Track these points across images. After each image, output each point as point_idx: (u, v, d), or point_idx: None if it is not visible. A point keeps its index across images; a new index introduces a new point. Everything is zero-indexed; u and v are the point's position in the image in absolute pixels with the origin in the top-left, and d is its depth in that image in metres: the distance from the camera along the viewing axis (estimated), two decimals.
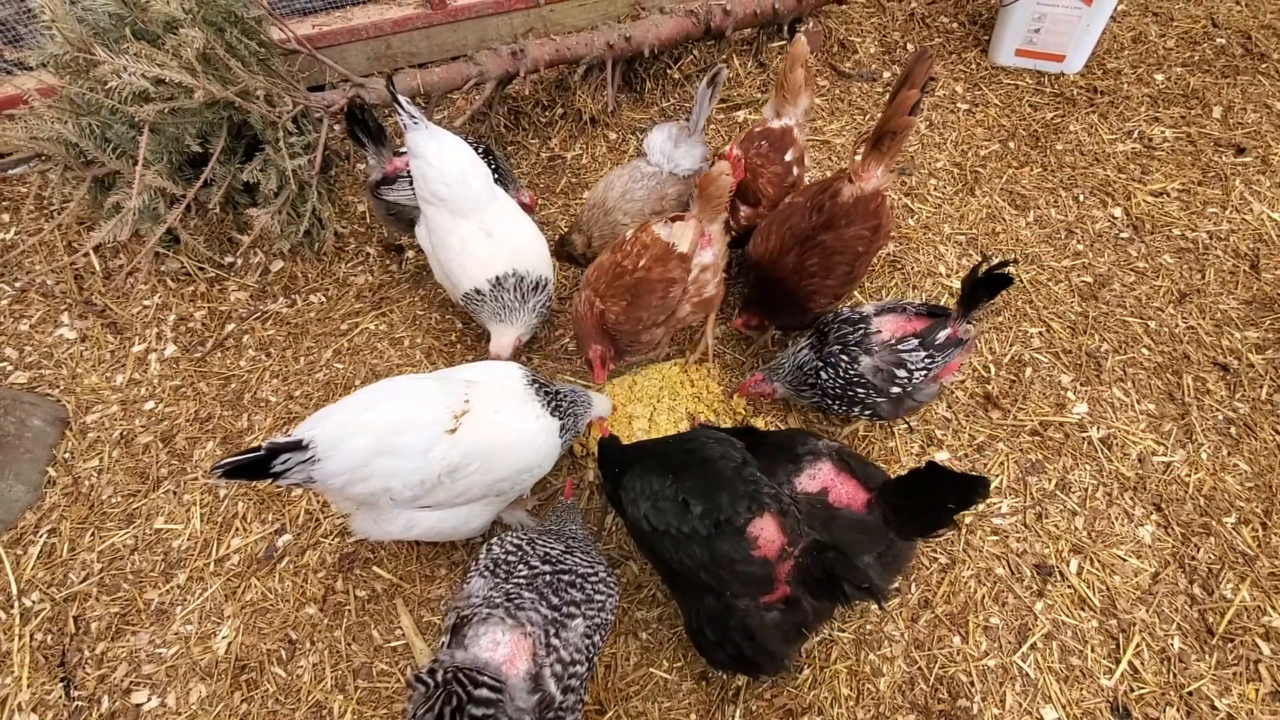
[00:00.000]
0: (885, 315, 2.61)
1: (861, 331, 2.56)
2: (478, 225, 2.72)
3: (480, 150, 3.12)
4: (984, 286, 2.38)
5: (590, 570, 2.06)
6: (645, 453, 2.28)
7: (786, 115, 2.99)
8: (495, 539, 2.11)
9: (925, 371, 2.50)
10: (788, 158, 2.94)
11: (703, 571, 2.00)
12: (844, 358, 2.55)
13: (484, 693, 1.69)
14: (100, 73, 2.68)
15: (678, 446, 2.25)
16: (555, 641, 1.86)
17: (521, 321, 2.85)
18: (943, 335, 2.49)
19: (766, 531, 1.98)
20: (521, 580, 1.95)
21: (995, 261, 2.36)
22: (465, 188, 2.64)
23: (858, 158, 2.65)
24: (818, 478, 2.23)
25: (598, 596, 2.01)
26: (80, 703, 2.43)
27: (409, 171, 2.85)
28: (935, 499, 1.98)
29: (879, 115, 2.65)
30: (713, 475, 2.08)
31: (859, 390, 2.56)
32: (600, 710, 2.37)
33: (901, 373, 2.49)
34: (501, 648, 1.81)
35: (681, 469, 2.13)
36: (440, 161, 2.58)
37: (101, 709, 2.42)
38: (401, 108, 2.58)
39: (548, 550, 2.06)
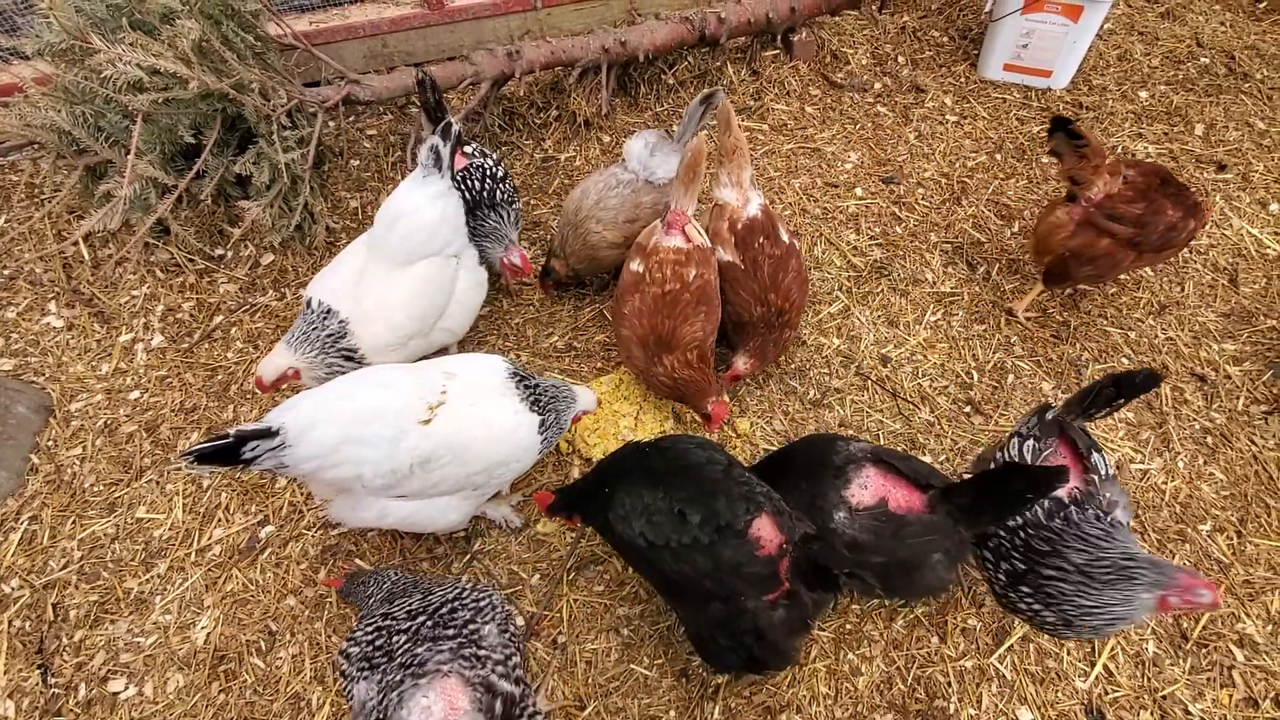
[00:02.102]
0: (1049, 453, 2.24)
1: (1093, 507, 2.12)
2: (369, 263, 2.61)
3: (506, 186, 3.04)
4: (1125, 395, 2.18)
5: (456, 592, 2.02)
6: (626, 469, 2.23)
7: (747, 189, 2.81)
8: (347, 642, 1.97)
9: None
10: (784, 238, 2.82)
11: (707, 579, 1.97)
12: (1099, 524, 2.07)
13: None
14: (96, 61, 2.69)
15: (659, 456, 2.20)
16: (481, 651, 1.82)
17: (305, 356, 2.50)
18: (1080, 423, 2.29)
19: (765, 531, 1.99)
20: (406, 645, 1.85)
21: (1142, 372, 2.16)
22: (386, 231, 2.58)
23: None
24: (869, 486, 2.16)
25: (482, 603, 1.98)
26: (57, 690, 2.41)
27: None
28: (1012, 493, 1.97)
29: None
30: (703, 481, 2.06)
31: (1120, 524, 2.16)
32: (580, 706, 2.37)
33: (1119, 478, 2.32)
34: (435, 709, 1.71)
35: (670, 479, 2.10)
36: (396, 195, 2.59)
37: (78, 697, 2.40)
38: (438, 149, 2.54)
39: (409, 608, 1.97)
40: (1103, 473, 2.16)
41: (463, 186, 2.92)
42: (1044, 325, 3.26)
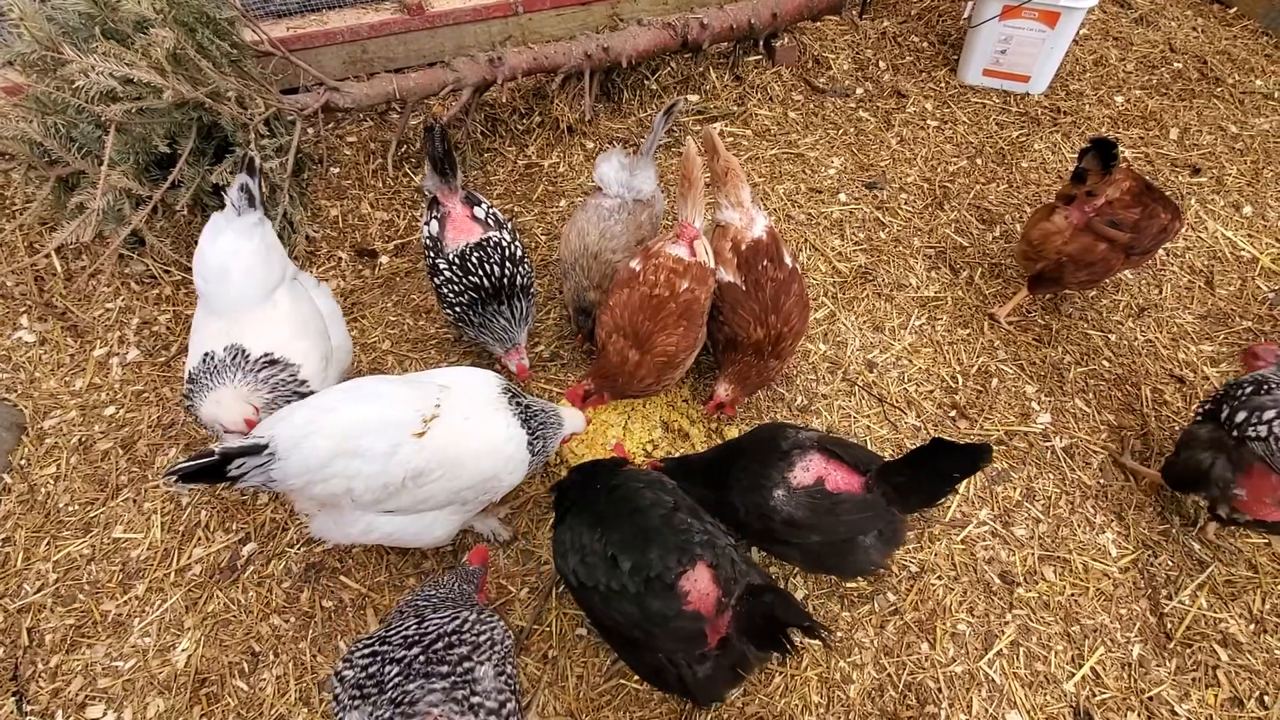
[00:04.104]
0: None
1: None
2: (226, 322, 2.35)
3: (526, 267, 2.82)
4: None
5: (456, 620, 1.90)
6: (575, 503, 2.22)
7: (750, 209, 2.79)
8: (342, 662, 1.87)
9: None
10: (788, 262, 2.76)
11: (635, 629, 1.95)
12: None
13: None
14: (68, 71, 2.64)
15: (608, 495, 2.18)
16: (475, 699, 1.74)
17: (244, 388, 2.26)
18: None
19: (700, 584, 1.94)
20: (396, 679, 1.76)
21: None
22: (223, 285, 2.36)
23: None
24: (811, 469, 2.28)
25: (483, 637, 1.88)
26: (33, 718, 2.34)
27: (440, 216, 2.81)
28: (940, 470, 2.09)
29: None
30: (643, 526, 2.03)
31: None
32: None
33: None
34: None
35: (611, 520, 2.07)
36: (206, 250, 2.36)
37: None
38: (249, 188, 2.38)
39: (404, 634, 1.87)
40: None
41: (481, 272, 2.71)
42: (1026, 329, 3.29)
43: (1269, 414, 2.26)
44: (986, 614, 2.56)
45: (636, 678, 2.42)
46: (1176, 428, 2.99)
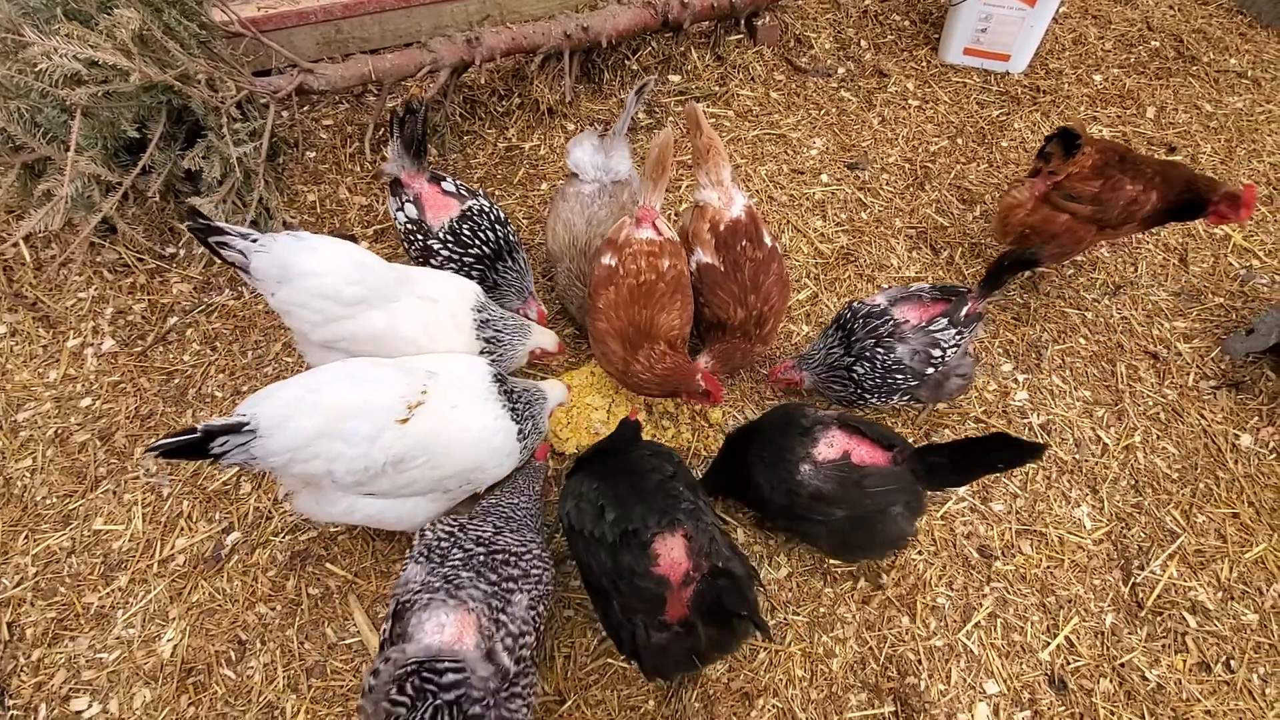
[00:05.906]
0: (901, 304, 2.73)
1: (890, 322, 2.66)
2: (407, 298, 2.41)
3: (511, 229, 2.93)
4: (1009, 269, 2.59)
5: (523, 549, 2.12)
6: (592, 458, 2.33)
7: (730, 189, 2.78)
8: (428, 525, 2.14)
9: (956, 348, 2.64)
10: (767, 241, 2.78)
11: (604, 578, 2.04)
12: (879, 350, 2.64)
13: (449, 677, 1.76)
14: (30, 54, 2.55)
15: (622, 457, 2.29)
16: (503, 617, 1.92)
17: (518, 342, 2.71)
18: (965, 311, 2.64)
19: (674, 552, 1.99)
20: (457, 562, 2.00)
21: (1020, 250, 2.61)
22: (375, 271, 2.35)
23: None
24: (835, 444, 2.33)
25: (534, 571, 2.08)
26: (15, 712, 2.33)
27: (413, 198, 2.83)
28: (986, 460, 2.20)
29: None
30: (637, 485, 2.13)
31: (898, 377, 2.65)
32: (560, 700, 2.37)
33: (936, 352, 2.62)
34: (448, 629, 1.86)
35: (612, 476, 2.18)
36: (331, 263, 2.23)
37: (39, 717, 2.32)
38: (228, 232, 2.08)
39: (479, 533, 2.12)
40: (934, 328, 2.66)
41: (477, 241, 2.81)
42: (1004, 308, 3.33)
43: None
44: (965, 587, 2.61)
45: (623, 657, 2.45)
46: (1151, 402, 3.05)
